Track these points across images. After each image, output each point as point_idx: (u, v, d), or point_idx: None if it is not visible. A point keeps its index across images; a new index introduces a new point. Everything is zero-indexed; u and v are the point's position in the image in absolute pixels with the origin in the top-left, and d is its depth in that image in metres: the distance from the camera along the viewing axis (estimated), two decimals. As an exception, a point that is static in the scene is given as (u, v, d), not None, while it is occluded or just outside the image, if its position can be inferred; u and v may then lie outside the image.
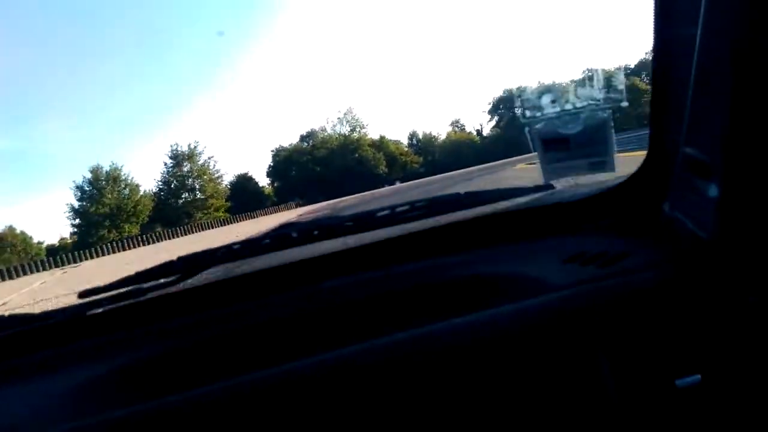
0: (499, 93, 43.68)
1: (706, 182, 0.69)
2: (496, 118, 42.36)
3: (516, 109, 1.21)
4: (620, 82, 1.05)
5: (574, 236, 0.94)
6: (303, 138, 41.79)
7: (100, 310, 0.87)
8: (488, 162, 29.68)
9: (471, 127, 44.17)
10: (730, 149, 0.64)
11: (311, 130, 41.91)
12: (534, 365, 0.64)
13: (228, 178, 38.01)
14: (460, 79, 70.87)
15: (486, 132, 42.88)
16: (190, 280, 0.93)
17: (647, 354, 0.65)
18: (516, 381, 0.64)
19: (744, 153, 0.63)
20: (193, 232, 26.92)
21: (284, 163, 40.24)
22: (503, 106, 41.56)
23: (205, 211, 35.11)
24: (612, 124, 1.11)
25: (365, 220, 0.95)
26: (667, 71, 0.77)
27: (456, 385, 0.63)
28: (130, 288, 0.88)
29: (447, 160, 36.16)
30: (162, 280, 0.91)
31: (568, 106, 1.16)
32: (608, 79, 1.06)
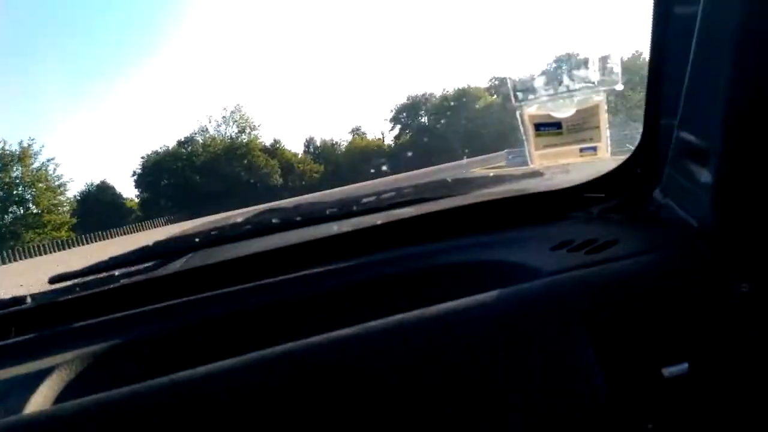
0: (402, 100, 46.00)
1: (701, 168, 0.77)
2: (398, 126, 44.38)
3: (509, 92, 1.31)
4: (616, 63, 1.20)
5: (563, 223, 1.03)
6: (181, 144, 39.26)
7: (69, 297, 0.90)
8: (403, 172, 29.49)
9: (372, 135, 45.73)
10: (728, 134, 0.71)
11: (190, 135, 39.66)
12: (519, 353, 0.68)
13: (78, 187, 34.16)
14: (358, 84, 72.99)
15: (388, 141, 44.71)
16: (164, 267, 0.98)
17: (635, 342, 0.71)
18: (500, 369, 0.68)
19: (742, 138, 0.71)
20: (13, 260, 23.32)
21: (154, 170, 37.27)
22: (406, 114, 43.71)
23: (40, 231, 31.02)
24: (606, 108, 1.26)
25: (350, 207, 1.02)
26: (664, 51, 0.86)
27: (435, 373, 0.66)
28: (102, 275, 0.92)
29: (354, 168, 36.66)
30: (135, 267, 0.96)
31: (562, 89, 1.30)
32: (604, 60, 1.21)
